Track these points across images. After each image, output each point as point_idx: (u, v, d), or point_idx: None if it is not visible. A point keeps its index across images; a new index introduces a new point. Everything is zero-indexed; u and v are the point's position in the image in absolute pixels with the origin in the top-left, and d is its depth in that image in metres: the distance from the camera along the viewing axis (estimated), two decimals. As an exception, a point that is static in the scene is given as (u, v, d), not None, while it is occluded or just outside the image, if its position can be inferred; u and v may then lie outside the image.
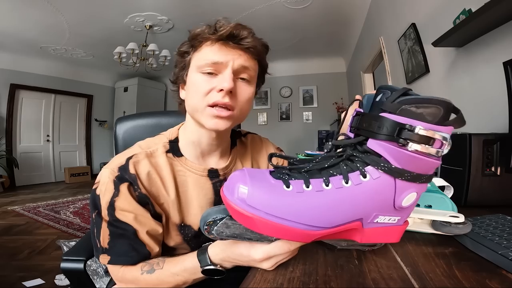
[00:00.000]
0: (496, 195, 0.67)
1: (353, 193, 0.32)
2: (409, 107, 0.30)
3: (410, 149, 0.29)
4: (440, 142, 0.30)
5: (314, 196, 0.32)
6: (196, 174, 0.60)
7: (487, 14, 0.90)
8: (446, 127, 0.30)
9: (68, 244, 2.04)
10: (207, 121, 0.53)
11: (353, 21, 3.40)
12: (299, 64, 5.24)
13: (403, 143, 0.29)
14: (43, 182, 5.08)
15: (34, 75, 4.82)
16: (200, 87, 0.53)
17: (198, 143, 0.60)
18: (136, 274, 0.51)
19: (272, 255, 0.38)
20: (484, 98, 1.12)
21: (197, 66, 0.54)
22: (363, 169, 0.32)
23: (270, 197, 0.31)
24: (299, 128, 5.35)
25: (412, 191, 0.33)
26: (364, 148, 0.33)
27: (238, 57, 0.53)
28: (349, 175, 0.32)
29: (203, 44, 0.54)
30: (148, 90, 5.67)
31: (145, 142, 0.61)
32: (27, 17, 3.27)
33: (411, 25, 1.78)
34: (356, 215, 0.33)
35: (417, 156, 0.30)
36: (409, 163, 0.31)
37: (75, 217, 2.89)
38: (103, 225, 0.52)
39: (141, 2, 3.06)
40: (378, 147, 0.31)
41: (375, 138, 0.31)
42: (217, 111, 0.52)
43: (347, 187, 0.32)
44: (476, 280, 0.33)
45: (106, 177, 0.53)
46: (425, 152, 0.29)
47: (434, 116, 0.30)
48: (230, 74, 0.52)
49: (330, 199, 0.32)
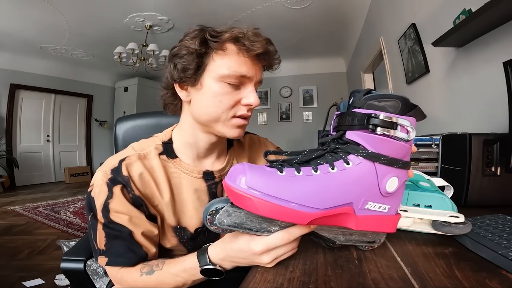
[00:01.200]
0: (496, 195, 0.67)
1: (340, 178, 0.36)
2: (373, 102, 0.36)
3: (379, 133, 0.35)
4: (405, 129, 0.36)
5: (305, 180, 0.36)
6: (190, 176, 0.59)
7: (487, 14, 0.90)
8: (407, 117, 0.36)
9: (68, 244, 2.04)
10: (230, 131, 0.55)
11: (353, 21, 3.40)
12: (299, 64, 5.24)
13: (372, 129, 0.36)
14: (43, 182, 5.09)
15: (34, 75, 4.82)
16: (226, 98, 0.52)
17: (195, 146, 0.59)
18: (135, 276, 0.51)
19: (272, 246, 0.38)
20: (484, 98, 1.12)
21: (220, 74, 0.51)
22: (345, 157, 0.37)
23: (266, 180, 0.35)
24: (299, 128, 5.35)
25: (393, 175, 0.37)
26: (344, 140, 0.38)
27: (259, 71, 0.55)
28: (334, 163, 0.37)
29: (228, 50, 0.51)
30: (148, 90, 5.67)
31: (138, 144, 0.60)
32: (27, 17, 3.27)
33: (411, 25, 1.78)
34: (345, 199, 0.37)
35: (386, 139, 0.36)
36: (382, 146, 0.36)
37: (75, 217, 2.89)
38: (98, 227, 0.52)
39: (141, 2, 3.06)
40: (355, 136, 0.37)
41: (351, 130, 0.37)
42: (242, 121, 0.55)
43: (333, 172, 0.36)
44: (476, 280, 0.33)
45: (100, 180, 0.52)
46: (392, 135, 0.36)
47: (394, 108, 0.36)
48: (254, 90, 0.53)
49: (320, 182, 0.36)
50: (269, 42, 0.53)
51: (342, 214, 0.37)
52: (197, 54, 0.51)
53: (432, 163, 0.83)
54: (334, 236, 0.42)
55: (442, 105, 1.51)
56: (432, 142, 0.86)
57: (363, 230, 0.40)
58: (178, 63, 0.53)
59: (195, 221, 0.60)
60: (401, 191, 0.41)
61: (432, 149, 0.83)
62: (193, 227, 0.60)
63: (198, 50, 0.51)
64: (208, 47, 0.51)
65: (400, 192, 0.41)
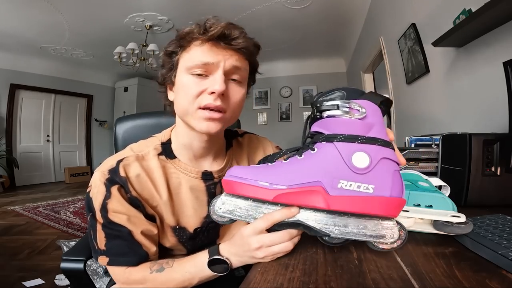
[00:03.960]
0: (496, 195, 0.67)
1: (306, 161, 0.42)
2: (322, 98, 0.43)
3: (325, 115, 0.42)
4: (355, 110, 0.41)
5: (276, 166, 0.44)
6: (189, 176, 0.59)
7: (487, 14, 0.90)
8: (357, 100, 0.41)
9: (68, 244, 2.04)
10: (198, 124, 0.52)
11: (353, 21, 3.40)
12: (299, 64, 5.24)
13: (320, 115, 0.43)
14: (43, 182, 5.08)
15: (34, 75, 4.82)
16: (190, 89, 0.51)
17: (190, 146, 0.59)
18: (145, 273, 0.52)
19: (258, 229, 0.43)
20: (484, 98, 1.12)
21: (186, 67, 0.52)
22: (312, 146, 0.43)
23: (244, 170, 0.44)
24: (299, 128, 5.32)
25: (358, 150, 0.39)
26: (311, 133, 0.45)
27: (229, 57, 0.51)
28: (302, 152, 0.43)
29: (192, 44, 0.52)
30: (148, 90, 5.67)
31: (137, 145, 0.60)
32: (27, 17, 3.27)
33: (411, 25, 1.78)
34: (312, 177, 0.40)
35: (334, 119, 0.41)
36: (335, 127, 0.41)
37: (75, 217, 2.89)
38: (98, 227, 0.52)
39: (141, 2, 3.06)
40: (314, 127, 0.44)
41: (312, 123, 0.45)
42: (209, 113, 0.51)
43: (300, 159, 0.43)
44: (476, 280, 0.33)
45: (98, 180, 0.53)
46: (337, 114, 0.41)
47: (340, 97, 0.42)
48: (221, 76, 0.50)
49: (287, 167, 0.43)
50: (230, 25, 0.52)
51: (312, 193, 0.40)
52: (168, 55, 0.56)
53: (432, 163, 0.83)
54: (324, 227, 0.40)
55: (442, 105, 1.51)
56: (432, 142, 0.86)
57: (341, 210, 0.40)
58: (161, 67, 0.59)
59: (194, 221, 0.60)
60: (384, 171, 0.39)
61: (432, 149, 0.83)
62: (192, 227, 0.60)
63: (169, 51, 0.55)
64: (177, 46, 0.55)
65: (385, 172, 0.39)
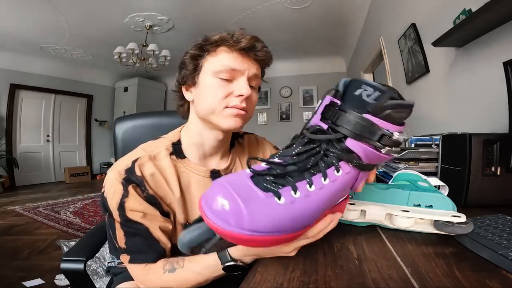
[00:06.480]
0: (496, 195, 0.67)
1: (331, 189, 0.34)
2: (392, 112, 0.32)
3: (384, 151, 0.33)
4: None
5: (302, 202, 0.32)
6: (199, 175, 0.62)
7: (487, 14, 0.90)
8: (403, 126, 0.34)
9: (68, 244, 2.04)
10: (225, 121, 0.57)
11: (353, 21, 3.39)
12: (299, 64, 5.24)
13: (380, 148, 0.33)
14: (43, 182, 5.08)
15: (34, 75, 4.82)
16: (218, 90, 0.56)
17: (201, 145, 0.62)
18: (159, 273, 0.53)
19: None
20: (484, 98, 1.12)
21: (213, 71, 0.57)
22: (337, 164, 0.34)
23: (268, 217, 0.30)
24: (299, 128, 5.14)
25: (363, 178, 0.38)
26: (341, 146, 0.34)
27: (252, 66, 0.58)
28: (327, 172, 0.34)
29: (219, 50, 0.57)
30: (148, 90, 5.67)
31: (148, 145, 0.62)
32: (27, 17, 3.27)
33: (411, 25, 1.78)
34: (329, 207, 0.37)
35: (385, 157, 0.34)
36: (376, 160, 0.35)
37: (75, 217, 2.89)
38: (117, 226, 0.54)
39: (141, 2, 3.06)
40: (356, 147, 0.33)
41: (357, 140, 0.33)
42: (237, 110, 0.57)
43: (325, 184, 0.34)
44: (476, 280, 0.33)
45: (114, 180, 0.54)
46: (392, 153, 0.34)
47: (403, 119, 0.33)
48: (246, 82, 0.57)
49: (313, 201, 0.33)
50: (256, 38, 0.58)
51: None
52: (193, 57, 0.59)
53: (432, 163, 0.83)
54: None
55: (442, 105, 1.51)
56: (432, 142, 0.86)
57: None
58: (182, 68, 0.62)
59: None
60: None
61: (432, 149, 0.83)
62: None
63: (194, 54, 0.59)
64: (203, 50, 0.59)
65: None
